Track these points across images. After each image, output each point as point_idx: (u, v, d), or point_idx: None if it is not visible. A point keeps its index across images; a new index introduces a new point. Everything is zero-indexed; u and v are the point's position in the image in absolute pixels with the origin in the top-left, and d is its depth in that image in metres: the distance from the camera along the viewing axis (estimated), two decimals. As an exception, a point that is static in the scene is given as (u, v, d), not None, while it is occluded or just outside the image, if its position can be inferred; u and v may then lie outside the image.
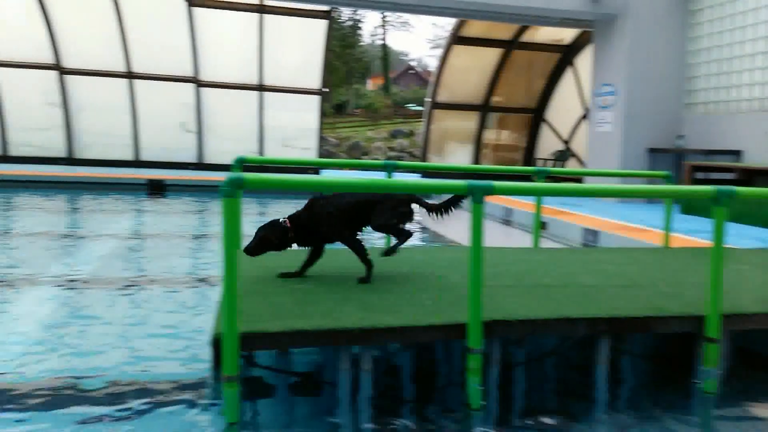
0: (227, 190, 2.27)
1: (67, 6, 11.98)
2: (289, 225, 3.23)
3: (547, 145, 14.27)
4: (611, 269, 3.89)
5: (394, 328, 2.49)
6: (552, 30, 12.74)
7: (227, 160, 13.56)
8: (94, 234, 7.15)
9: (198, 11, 12.29)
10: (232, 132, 13.68)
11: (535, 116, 14.51)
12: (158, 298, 4.55)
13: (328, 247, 3.41)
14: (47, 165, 12.45)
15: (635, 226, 6.09)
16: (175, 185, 11.14)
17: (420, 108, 35.23)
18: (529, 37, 13.32)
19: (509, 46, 13.46)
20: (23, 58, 12.42)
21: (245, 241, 3.32)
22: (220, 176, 11.50)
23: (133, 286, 4.75)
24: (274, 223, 3.25)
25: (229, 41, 13.11)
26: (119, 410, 2.64)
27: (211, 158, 13.46)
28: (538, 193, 4.39)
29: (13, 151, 12.95)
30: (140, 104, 13.02)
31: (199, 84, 13.01)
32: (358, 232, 3.32)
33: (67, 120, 12.85)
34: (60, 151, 13.01)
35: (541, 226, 5.10)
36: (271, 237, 3.21)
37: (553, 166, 12.92)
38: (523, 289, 3.22)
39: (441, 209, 3.43)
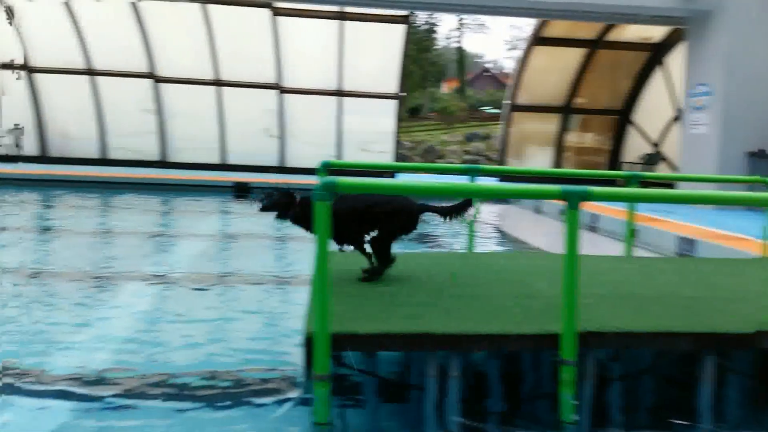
0: (321, 193, 2.31)
1: (162, 20, 12.74)
2: (297, 202, 3.30)
3: (634, 148, 13.63)
4: (711, 280, 3.64)
5: (484, 336, 2.45)
6: (640, 28, 12.18)
7: (307, 163, 13.95)
8: (184, 233, 7.54)
9: (281, 20, 12.71)
10: (311, 136, 14.05)
11: (620, 118, 13.91)
12: (247, 296, 4.72)
13: (410, 250, 3.41)
14: (142, 168, 13.29)
15: (735, 235, 5.68)
16: (259, 187, 11.55)
17: (496, 111, 34.64)
18: (615, 35, 12.80)
19: (594, 45, 12.99)
20: (122, 68, 13.34)
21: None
22: (301, 179, 11.75)
23: (222, 284, 4.96)
24: (289, 194, 3.35)
25: (310, 48, 13.46)
26: (208, 405, 2.75)
27: (292, 162, 13.88)
28: (637, 200, 4.19)
29: (112, 155, 13.92)
30: (227, 110, 13.64)
31: (282, 90, 13.46)
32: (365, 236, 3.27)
33: (160, 125, 13.66)
34: (153, 155, 13.85)
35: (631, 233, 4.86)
36: (281, 201, 3.31)
37: (641, 171, 12.31)
38: (617, 300, 3.08)
39: (452, 212, 3.31)
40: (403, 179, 10.65)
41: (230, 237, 7.56)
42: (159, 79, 13.35)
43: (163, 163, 13.78)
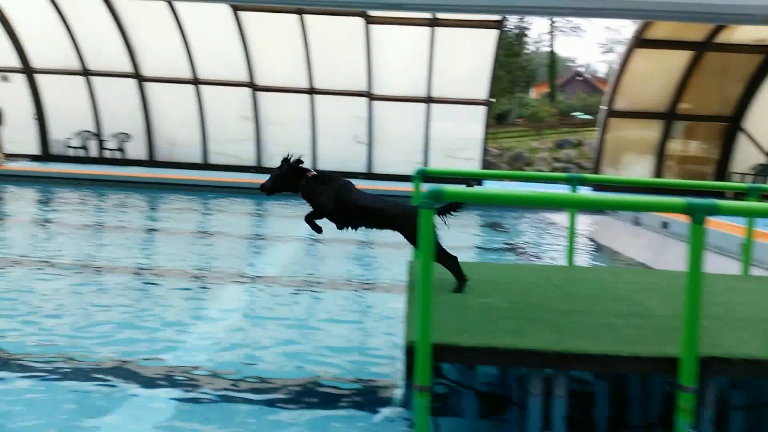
0: (427, 201, 2.29)
1: (261, 31, 13.32)
2: (309, 176, 3.38)
3: (745, 158, 12.61)
4: None
5: (595, 356, 2.32)
6: (754, 29, 11.27)
7: (394, 170, 14.04)
8: (278, 236, 7.80)
9: (374, 28, 12.91)
10: (399, 143, 14.16)
11: (730, 125, 12.92)
12: (340, 301, 4.80)
13: (508, 261, 3.32)
14: (239, 173, 13.94)
15: None
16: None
17: (588, 117, 33.32)
18: (725, 37, 11.93)
19: (701, 47, 12.18)
20: (223, 78, 14.09)
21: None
22: (388, 185, 11.81)
23: (315, 288, 5.07)
24: (299, 165, 3.41)
25: (401, 56, 13.59)
26: (303, 410, 2.80)
27: (379, 168, 14.06)
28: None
29: (212, 160, 14.71)
30: (319, 118, 14.04)
31: (372, 98, 13.67)
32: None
33: (257, 132, 14.29)
34: (250, 161, 14.50)
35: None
36: (285, 173, 3.39)
37: (753, 182, 11.37)
38: (738, 323, 2.83)
39: (443, 212, 3.25)
40: (496, 187, 10.47)
41: (321, 241, 7.73)
42: (257, 88, 13.97)
43: (258, 168, 14.39)
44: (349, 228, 3.42)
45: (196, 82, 14.08)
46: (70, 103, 14.62)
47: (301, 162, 3.45)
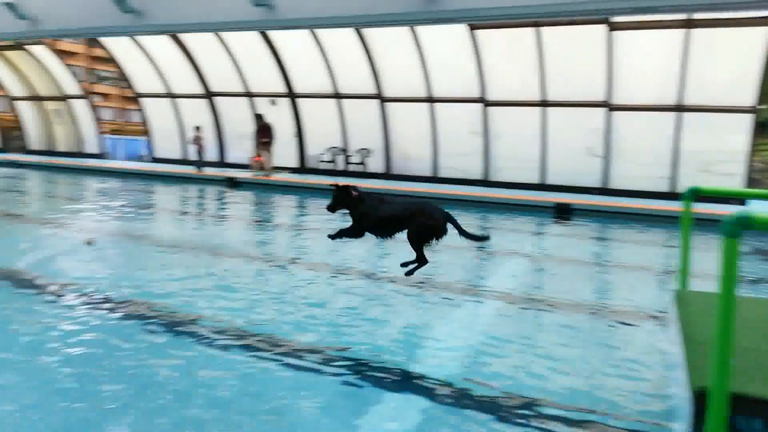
0: (732, 228, 2.00)
1: (495, 47, 13.45)
2: (354, 196, 4.80)
3: None
4: None
5: None
6: None
7: (633, 185, 12.98)
8: (505, 251, 7.70)
9: (618, 35, 12.09)
10: (640, 156, 13.01)
11: None
12: (591, 326, 4.52)
13: None
14: (466, 186, 14.23)
15: None
16: (581, 209, 11.17)
17: None
18: None
19: None
20: (456, 95, 14.54)
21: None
22: (626, 202, 10.92)
23: (551, 308, 4.85)
24: (347, 189, 4.84)
25: (647, 62, 12.47)
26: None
27: (616, 183, 13.08)
28: None
29: (441, 173, 15.27)
30: (550, 130, 13.62)
31: (611, 108, 12.80)
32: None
33: (485, 146, 14.42)
34: (477, 174, 14.70)
35: None
36: (338, 196, 4.84)
37: None
38: None
39: (466, 236, 4.76)
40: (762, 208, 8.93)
41: (552, 259, 7.43)
42: (488, 103, 14.12)
43: (484, 182, 14.51)
44: (379, 236, 4.84)
45: (430, 100, 14.79)
46: (323, 123, 16.57)
47: (354, 188, 4.81)
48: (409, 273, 4.79)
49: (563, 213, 11.12)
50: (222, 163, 18.23)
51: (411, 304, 4.78)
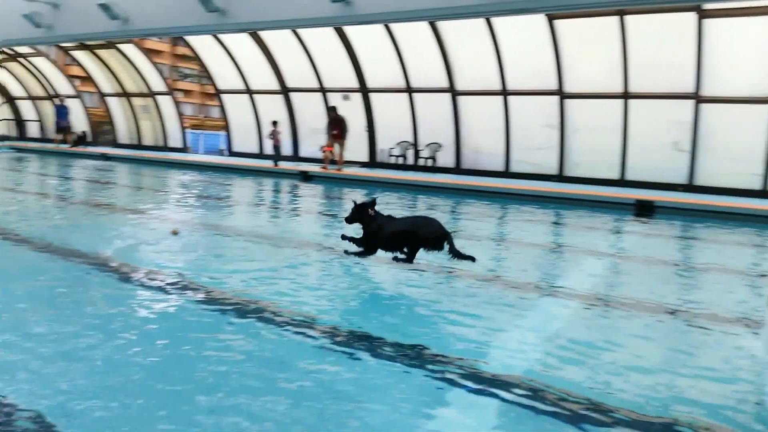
0: None
1: (575, 37, 12.98)
2: (371, 212, 5.31)
3: None
4: None
5: None
6: None
7: (723, 182, 12.24)
8: (582, 250, 7.42)
9: (709, 23, 11.36)
10: (731, 151, 12.20)
11: None
12: (664, 328, 4.29)
13: None
14: (540, 181, 13.85)
15: None
16: (663, 207, 10.60)
17: None
18: None
19: None
20: (531, 87, 14.16)
21: None
22: (714, 200, 10.31)
23: (627, 311, 4.62)
24: (363, 206, 5.36)
25: (740, 51, 11.65)
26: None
27: (703, 180, 12.33)
28: None
29: (513, 168, 14.94)
30: (632, 123, 13.01)
31: (700, 100, 12.06)
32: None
33: (561, 140, 13.98)
34: (552, 169, 14.28)
35: None
36: (355, 211, 5.39)
37: None
38: None
39: (454, 253, 5.02)
40: None
41: (634, 259, 7.09)
42: (565, 95, 13.67)
43: (560, 177, 14.08)
44: (389, 250, 5.30)
45: (504, 93, 14.49)
46: (394, 117, 16.61)
47: (371, 206, 5.33)
48: (395, 259, 5.30)
49: (644, 210, 10.60)
50: (296, 157, 18.68)
51: (485, 302, 4.71)
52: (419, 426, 2.69)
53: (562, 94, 13.67)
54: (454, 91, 15.25)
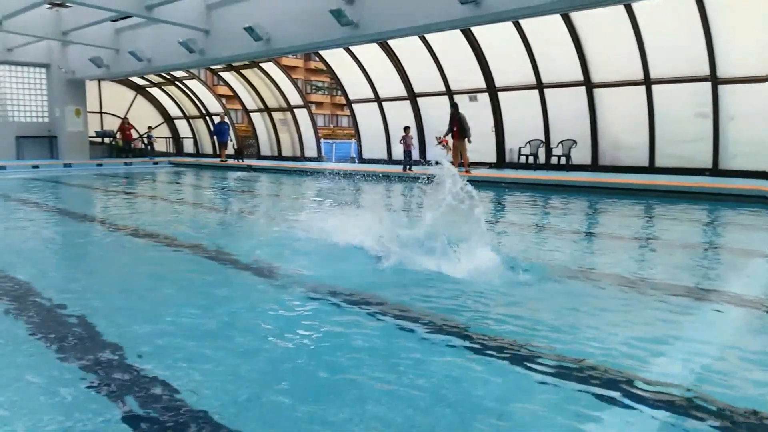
0: None
1: (731, 16, 11.75)
2: None
3: None
4: None
5: None
6: None
7: None
8: (743, 251, 6.67)
9: None
10: None
11: None
12: None
13: None
14: (690, 176, 12.69)
15: None
16: None
17: None
18: None
19: None
20: (678, 74, 13.03)
21: None
22: None
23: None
24: None
25: None
26: None
27: None
28: None
29: (658, 162, 13.83)
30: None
31: None
32: None
33: (715, 130, 12.70)
34: (704, 162, 13.02)
35: None
36: None
37: None
38: None
39: None
40: None
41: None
42: (719, 81, 12.40)
43: (714, 171, 12.79)
44: None
45: (647, 82, 13.49)
46: (523, 115, 16.16)
47: None
48: None
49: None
50: (423, 162, 18.86)
51: (640, 308, 4.41)
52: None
53: (716, 80, 12.40)
54: (589, 84, 14.48)
